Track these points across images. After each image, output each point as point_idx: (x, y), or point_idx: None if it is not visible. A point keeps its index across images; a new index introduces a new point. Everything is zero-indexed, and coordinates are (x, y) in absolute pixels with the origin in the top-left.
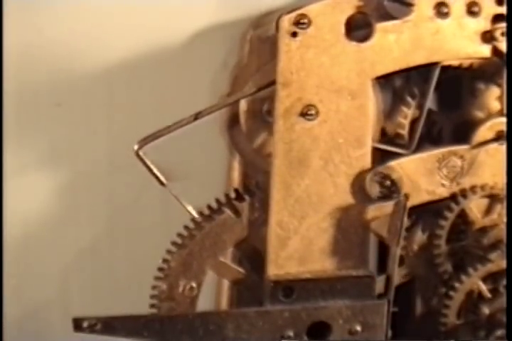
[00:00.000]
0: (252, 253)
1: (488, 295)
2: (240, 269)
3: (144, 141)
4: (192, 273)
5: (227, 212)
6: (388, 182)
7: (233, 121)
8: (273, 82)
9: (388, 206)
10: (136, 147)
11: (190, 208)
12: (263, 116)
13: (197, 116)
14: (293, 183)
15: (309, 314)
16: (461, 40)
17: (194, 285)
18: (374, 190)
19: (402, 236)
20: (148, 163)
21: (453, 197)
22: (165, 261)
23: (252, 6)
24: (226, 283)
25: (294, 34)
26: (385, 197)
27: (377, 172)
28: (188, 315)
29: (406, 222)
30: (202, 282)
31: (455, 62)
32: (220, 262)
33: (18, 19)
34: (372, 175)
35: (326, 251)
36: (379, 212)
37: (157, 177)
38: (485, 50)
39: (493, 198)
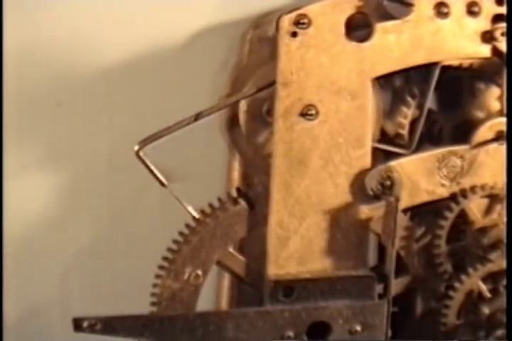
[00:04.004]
0: None
1: (488, 295)
2: (248, 261)
3: (145, 142)
4: (200, 260)
5: (242, 203)
6: (388, 182)
7: (233, 121)
8: (273, 83)
9: None
10: (136, 148)
11: (190, 209)
12: (263, 116)
13: (197, 117)
14: (293, 183)
15: (309, 314)
16: (461, 40)
17: (200, 273)
18: (374, 190)
19: (398, 237)
20: (149, 163)
21: (453, 197)
22: (175, 242)
23: (252, 6)
24: (226, 283)
25: (294, 34)
26: (384, 197)
27: (377, 172)
28: (188, 315)
29: (407, 222)
30: (208, 271)
31: (455, 62)
32: (229, 253)
33: (18, 19)
34: (372, 175)
35: (325, 251)
36: (378, 212)
37: (157, 178)
38: (485, 50)
39: (493, 198)
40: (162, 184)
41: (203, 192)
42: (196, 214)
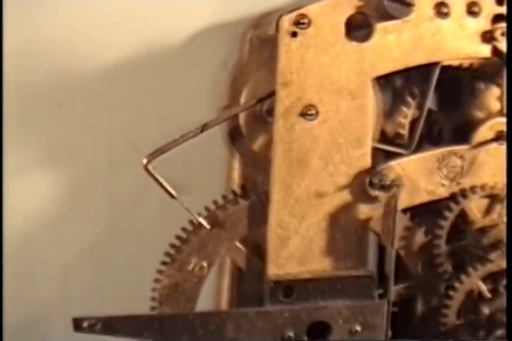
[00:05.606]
0: None
1: (488, 295)
2: (253, 257)
3: (153, 155)
4: (206, 252)
5: (253, 197)
6: (388, 182)
7: (234, 124)
8: (272, 93)
9: None
10: (145, 161)
11: (201, 219)
12: (263, 116)
13: (203, 129)
14: (293, 183)
15: (309, 314)
16: (461, 40)
17: (205, 265)
18: (373, 190)
19: (397, 237)
20: (158, 176)
21: (453, 197)
22: (184, 230)
23: (252, 6)
24: (226, 283)
25: (294, 34)
26: (384, 197)
27: (377, 173)
28: (188, 315)
29: (407, 222)
30: (213, 264)
31: (455, 62)
32: (236, 246)
33: (18, 18)
34: (372, 175)
35: (325, 251)
36: (378, 212)
37: (167, 191)
38: (485, 50)
39: (493, 198)
40: (172, 196)
41: (203, 193)
42: (207, 225)
